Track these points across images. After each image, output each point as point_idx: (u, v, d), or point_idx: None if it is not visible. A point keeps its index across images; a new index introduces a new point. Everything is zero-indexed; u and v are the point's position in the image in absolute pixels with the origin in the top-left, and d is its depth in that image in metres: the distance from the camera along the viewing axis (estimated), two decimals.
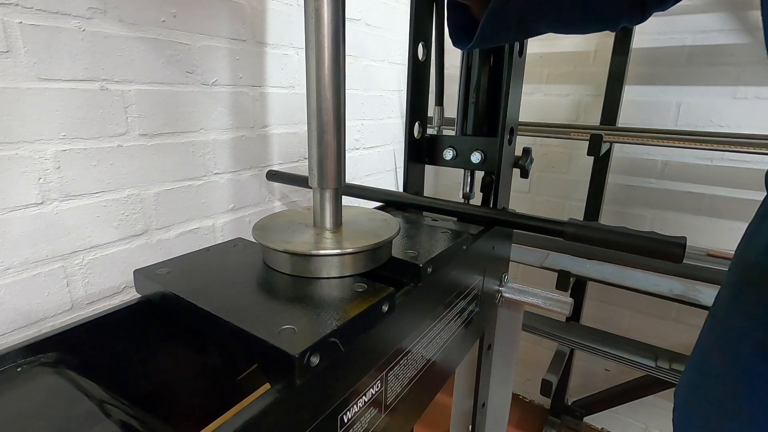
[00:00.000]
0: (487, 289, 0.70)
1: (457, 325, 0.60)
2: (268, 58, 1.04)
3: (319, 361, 0.32)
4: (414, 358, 0.49)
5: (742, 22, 1.27)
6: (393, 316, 0.42)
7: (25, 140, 0.65)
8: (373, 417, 0.43)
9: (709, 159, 1.39)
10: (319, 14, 0.42)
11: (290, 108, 1.12)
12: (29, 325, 0.70)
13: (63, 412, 0.29)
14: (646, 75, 1.44)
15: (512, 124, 0.72)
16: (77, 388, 0.32)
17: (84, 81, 0.71)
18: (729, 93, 1.32)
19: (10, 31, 0.62)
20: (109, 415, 0.30)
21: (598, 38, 1.50)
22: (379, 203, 0.78)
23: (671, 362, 1.27)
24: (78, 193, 0.73)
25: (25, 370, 0.34)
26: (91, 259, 0.76)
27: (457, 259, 0.55)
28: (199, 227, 0.94)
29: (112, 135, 0.76)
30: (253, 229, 0.48)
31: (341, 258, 0.44)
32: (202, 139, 0.91)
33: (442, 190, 1.98)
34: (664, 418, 1.66)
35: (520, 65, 0.70)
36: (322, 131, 0.46)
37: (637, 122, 1.47)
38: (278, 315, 0.36)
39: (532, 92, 1.65)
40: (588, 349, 1.38)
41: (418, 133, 0.79)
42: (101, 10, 0.71)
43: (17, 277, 0.68)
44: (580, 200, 1.63)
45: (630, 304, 1.63)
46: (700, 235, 1.45)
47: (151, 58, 0.79)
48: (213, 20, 0.89)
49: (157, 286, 0.42)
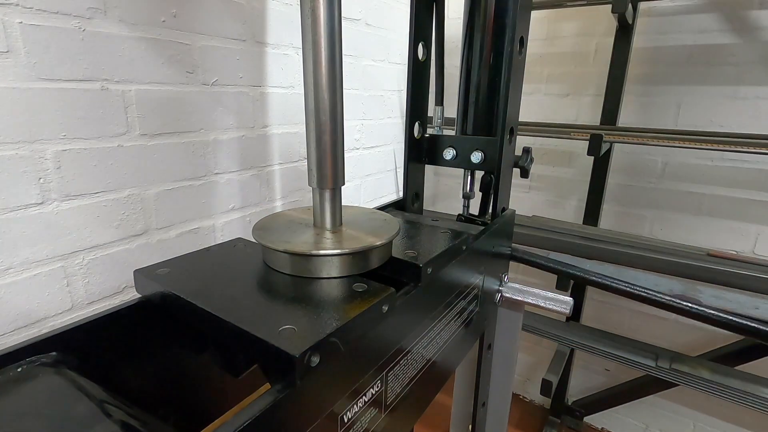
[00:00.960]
0: (487, 289, 0.70)
1: (457, 325, 0.60)
2: (268, 58, 1.04)
3: (319, 361, 0.32)
4: (414, 358, 0.49)
5: (743, 22, 1.27)
6: (393, 316, 0.42)
7: (25, 140, 0.65)
8: (373, 417, 0.43)
9: (709, 159, 1.39)
10: (315, 15, 0.42)
11: (290, 108, 1.12)
12: (29, 325, 0.70)
13: (63, 412, 0.29)
14: (647, 75, 1.44)
15: (512, 124, 0.72)
16: (77, 388, 0.32)
17: (84, 81, 0.71)
18: (729, 93, 1.32)
19: (10, 31, 0.62)
20: (110, 415, 0.30)
21: (599, 38, 1.50)
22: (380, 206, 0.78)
23: (671, 362, 1.27)
24: (78, 193, 0.73)
25: (26, 370, 0.34)
26: (92, 259, 0.76)
27: (457, 260, 0.55)
28: (199, 227, 0.94)
29: (113, 135, 0.76)
30: (254, 229, 0.48)
31: (341, 258, 0.44)
32: (202, 139, 0.91)
33: (442, 190, 1.98)
34: (665, 417, 1.66)
35: (520, 65, 0.70)
36: (320, 131, 0.46)
37: (637, 122, 1.47)
38: (278, 315, 0.36)
39: (532, 92, 1.65)
40: (588, 349, 1.38)
41: (418, 132, 0.79)
42: (101, 10, 0.71)
43: (17, 277, 0.68)
44: (580, 200, 1.63)
45: (630, 304, 1.63)
46: (701, 235, 1.45)
47: (151, 58, 0.79)
48: (213, 20, 0.89)
49: (158, 286, 0.42)
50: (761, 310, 1.09)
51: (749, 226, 1.37)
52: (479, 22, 0.73)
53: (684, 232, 1.48)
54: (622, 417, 1.75)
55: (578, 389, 1.83)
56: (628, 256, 1.19)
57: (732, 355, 1.36)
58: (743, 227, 1.38)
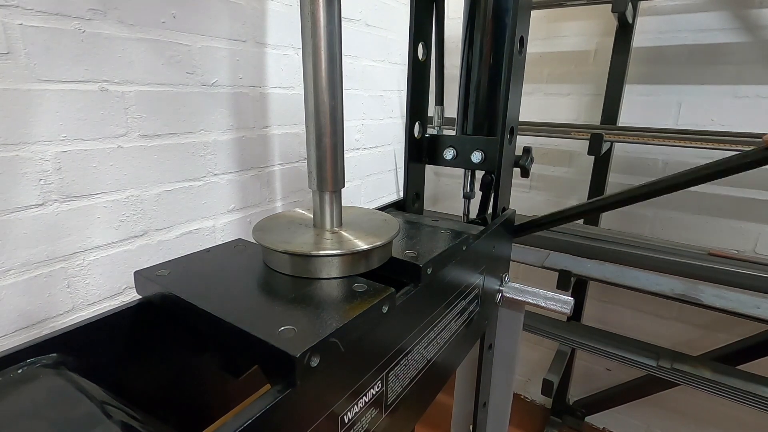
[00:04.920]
0: (488, 288, 0.70)
1: (457, 325, 0.60)
2: (268, 59, 1.04)
3: (319, 362, 0.32)
4: (414, 358, 0.49)
5: (743, 21, 1.27)
6: (393, 317, 0.42)
7: (25, 142, 0.65)
8: (373, 417, 0.43)
9: (709, 158, 1.38)
10: (315, 18, 0.42)
11: (290, 108, 1.12)
12: (30, 327, 0.71)
13: (64, 413, 0.29)
14: (647, 74, 1.43)
15: (512, 124, 0.72)
16: (78, 389, 0.32)
17: (84, 82, 0.71)
18: (729, 92, 1.32)
19: (10, 32, 0.62)
20: (110, 416, 0.30)
21: (599, 38, 1.50)
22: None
23: (673, 362, 1.26)
24: (78, 195, 0.73)
25: (26, 372, 0.34)
26: (92, 260, 0.76)
27: (457, 260, 0.55)
28: (199, 228, 0.94)
29: (113, 136, 0.76)
30: (254, 229, 0.48)
31: (341, 258, 0.44)
32: (202, 140, 0.91)
33: (443, 190, 1.98)
34: (666, 417, 1.66)
35: (520, 64, 0.70)
36: (320, 134, 0.46)
37: (637, 121, 1.46)
38: (279, 316, 0.36)
39: (532, 92, 1.65)
40: (589, 349, 1.37)
41: (418, 132, 0.79)
42: (101, 12, 0.71)
43: (18, 278, 0.68)
44: (580, 199, 1.63)
45: (631, 304, 1.63)
46: (702, 234, 1.45)
47: (151, 59, 0.79)
48: (213, 21, 0.89)
49: (158, 288, 0.42)
50: (762, 309, 1.09)
51: (750, 226, 1.37)
52: (479, 21, 0.73)
53: (685, 232, 1.48)
54: (623, 417, 1.75)
55: (579, 389, 1.83)
56: (629, 255, 1.19)
57: (733, 355, 1.36)
58: (744, 226, 1.38)
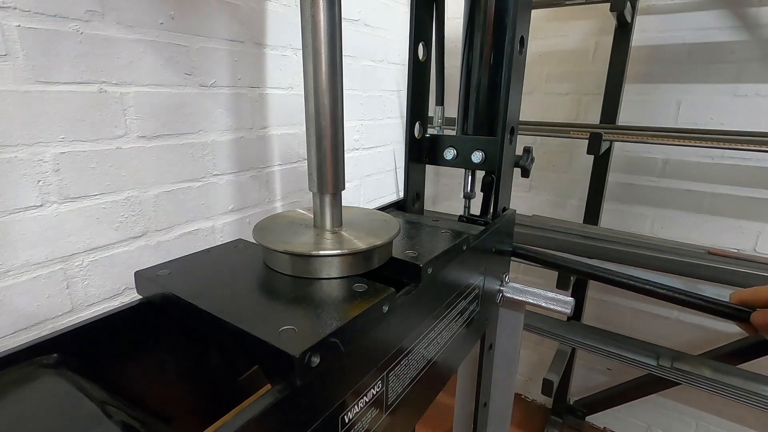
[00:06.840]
0: (488, 288, 0.70)
1: (458, 325, 0.60)
2: (266, 59, 1.04)
3: (319, 362, 0.32)
4: (415, 358, 0.49)
5: (742, 20, 1.27)
6: (393, 317, 0.42)
7: (24, 143, 0.65)
8: (374, 417, 0.43)
9: (709, 157, 1.39)
10: (316, 21, 0.42)
11: (289, 109, 1.12)
12: (30, 327, 0.70)
13: (64, 413, 0.29)
14: (646, 73, 1.43)
15: (513, 124, 0.72)
16: (78, 389, 0.32)
17: (82, 83, 0.71)
18: (729, 90, 1.32)
19: (8, 34, 0.62)
20: (110, 416, 0.30)
21: (598, 37, 1.50)
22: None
23: (673, 361, 1.26)
24: (77, 196, 0.73)
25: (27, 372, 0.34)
26: (91, 261, 0.76)
27: (457, 260, 0.55)
28: (198, 229, 0.94)
29: (111, 137, 0.76)
30: (254, 230, 0.48)
31: (341, 258, 0.44)
32: (201, 141, 0.91)
33: (443, 190, 1.98)
34: (667, 416, 1.66)
35: (520, 64, 0.70)
36: (320, 136, 0.46)
37: (637, 120, 1.47)
38: (279, 316, 0.36)
39: (532, 91, 1.65)
40: (589, 349, 1.37)
41: (418, 132, 0.79)
42: (99, 13, 0.71)
43: (17, 279, 0.68)
44: (580, 199, 1.63)
45: (631, 303, 1.63)
46: (701, 233, 1.45)
47: (149, 60, 0.79)
48: (211, 22, 0.89)
49: (158, 288, 0.42)
50: None
51: (750, 224, 1.37)
52: (479, 21, 0.73)
53: (685, 231, 1.48)
54: (624, 416, 1.75)
55: (580, 389, 1.83)
56: (629, 254, 1.19)
57: (734, 354, 1.36)
58: (744, 225, 1.38)
